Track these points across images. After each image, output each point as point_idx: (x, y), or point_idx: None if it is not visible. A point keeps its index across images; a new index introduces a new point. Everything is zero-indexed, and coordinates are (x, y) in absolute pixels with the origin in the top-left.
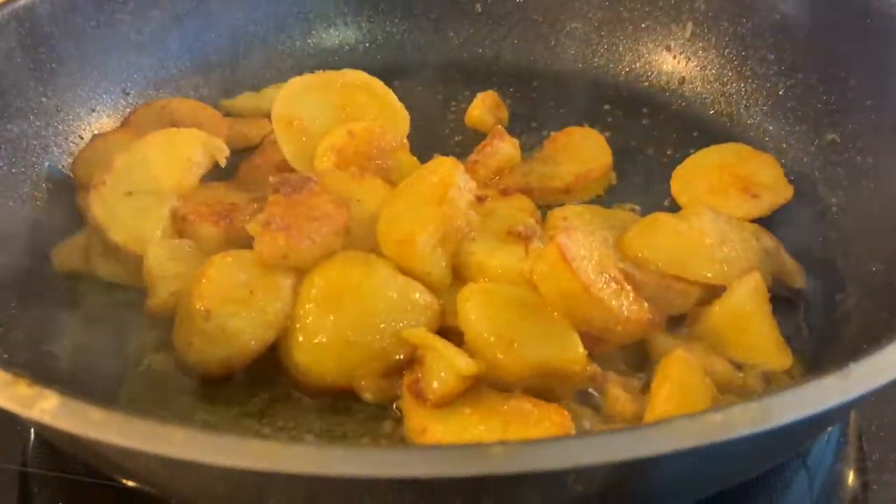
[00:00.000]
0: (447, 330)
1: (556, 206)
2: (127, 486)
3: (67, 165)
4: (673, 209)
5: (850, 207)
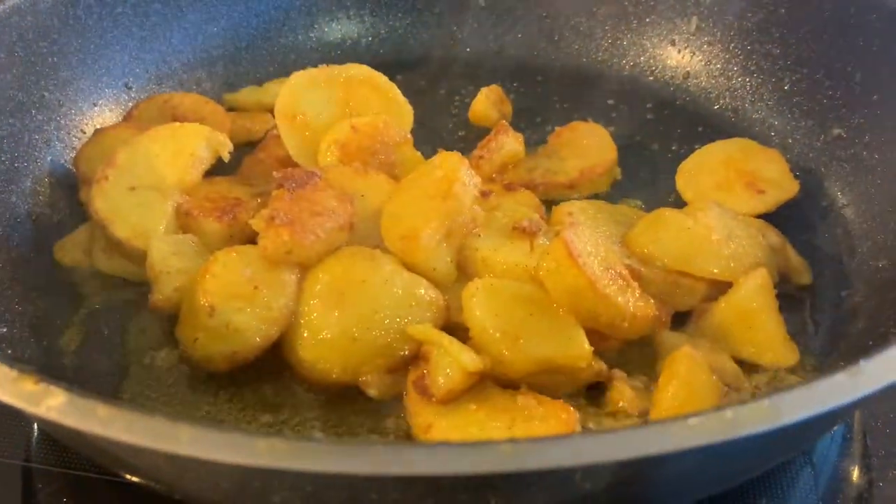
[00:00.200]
0: (452, 326)
1: (560, 201)
2: (131, 481)
3: (70, 160)
4: (678, 204)
5: (856, 203)
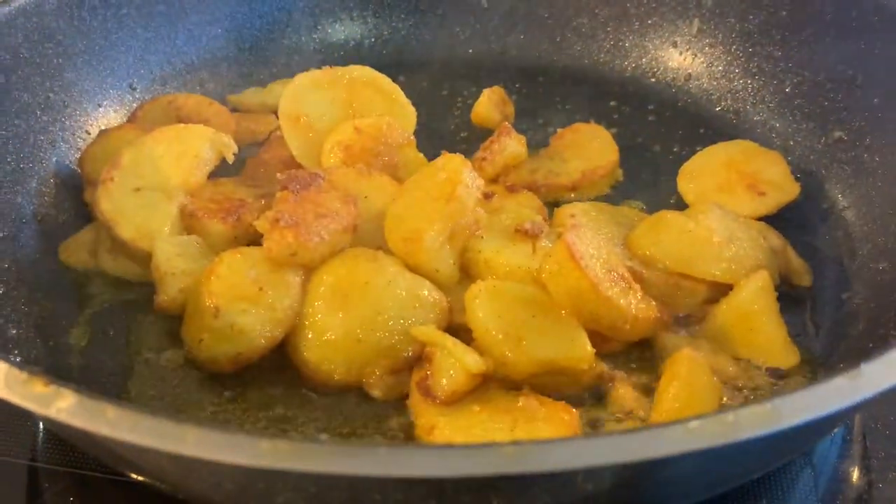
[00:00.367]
0: (455, 327)
1: (562, 202)
2: (136, 481)
3: (75, 161)
4: (680, 206)
5: (856, 205)
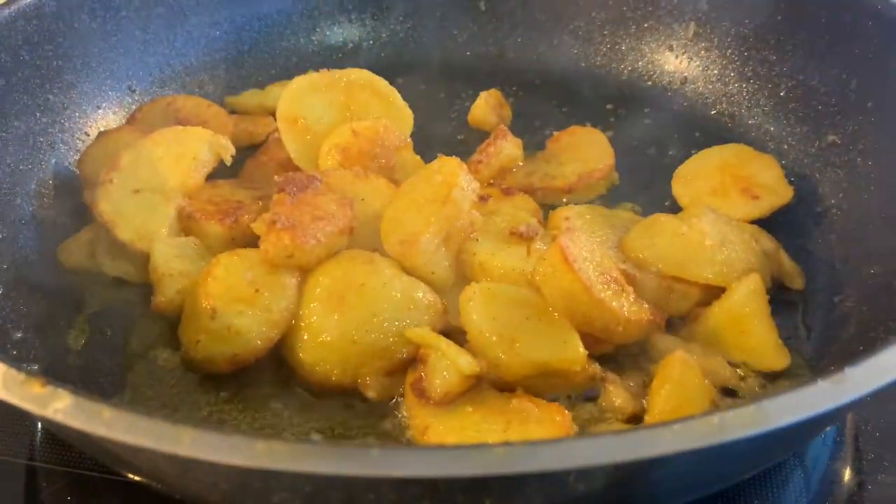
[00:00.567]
0: (450, 329)
1: (558, 205)
2: (133, 481)
3: (74, 162)
4: (674, 209)
5: (849, 209)
